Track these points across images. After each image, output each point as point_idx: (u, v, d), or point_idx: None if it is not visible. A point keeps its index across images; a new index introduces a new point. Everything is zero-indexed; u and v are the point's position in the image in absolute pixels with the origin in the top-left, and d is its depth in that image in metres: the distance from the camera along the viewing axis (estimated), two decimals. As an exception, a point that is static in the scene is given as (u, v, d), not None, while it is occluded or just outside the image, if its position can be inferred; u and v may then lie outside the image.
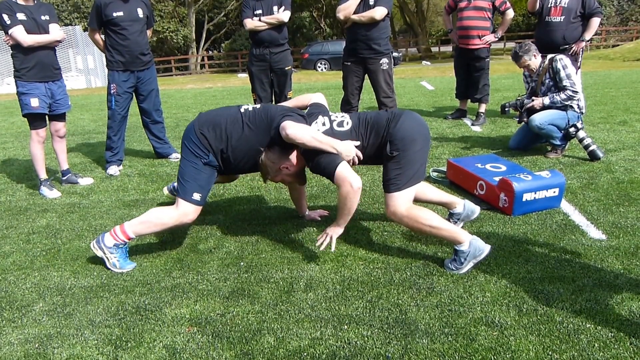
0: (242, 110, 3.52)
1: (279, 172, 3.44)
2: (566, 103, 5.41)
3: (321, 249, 3.35)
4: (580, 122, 5.48)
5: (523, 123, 5.74)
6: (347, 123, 3.44)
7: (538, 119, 5.39)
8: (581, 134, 5.39)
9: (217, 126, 3.42)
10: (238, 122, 3.44)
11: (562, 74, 5.38)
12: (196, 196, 3.40)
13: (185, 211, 3.40)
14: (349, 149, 3.30)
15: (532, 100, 5.53)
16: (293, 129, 3.20)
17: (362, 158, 3.41)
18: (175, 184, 4.18)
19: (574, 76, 5.40)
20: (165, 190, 4.43)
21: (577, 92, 5.37)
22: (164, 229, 3.48)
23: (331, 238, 3.34)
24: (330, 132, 3.38)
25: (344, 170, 3.18)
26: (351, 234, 3.82)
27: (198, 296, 3.07)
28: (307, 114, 3.55)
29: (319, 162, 3.27)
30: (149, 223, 3.43)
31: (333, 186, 4.83)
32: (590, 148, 5.35)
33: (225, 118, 3.46)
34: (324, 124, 3.43)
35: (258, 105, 3.57)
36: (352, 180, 3.14)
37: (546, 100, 5.45)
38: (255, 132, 3.41)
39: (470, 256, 3.16)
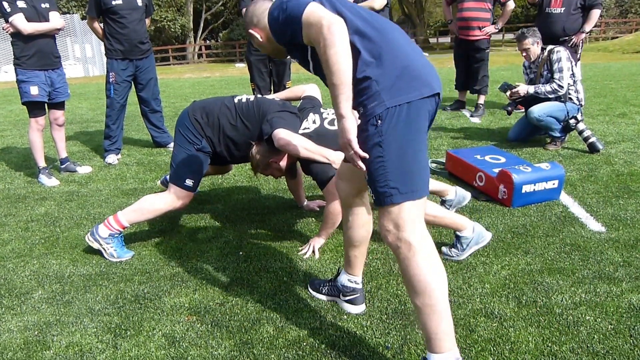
0: (236, 100, 3.56)
1: (268, 166, 3.46)
2: (550, 96, 5.40)
3: (305, 257, 3.40)
4: (580, 113, 5.47)
5: (523, 115, 5.74)
6: None
7: (537, 110, 5.38)
8: (581, 125, 5.38)
9: (210, 113, 3.47)
10: (231, 112, 3.48)
11: (556, 66, 5.37)
12: (188, 182, 3.42)
13: (177, 196, 3.43)
14: (341, 158, 3.32)
15: (518, 86, 5.51)
16: (286, 140, 3.23)
17: None
18: (168, 177, 4.20)
19: (565, 71, 5.37)
20: (159, 183, 4.44)
21: (562, 87, 5.35)
22: (157, 215, 3.49)
23: (314, 248, 3.44)
24: (321, 130, 3.40)
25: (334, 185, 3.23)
26: (350, 224, 3.82)
27: (197, 285, 3.07)
28: (299, 109, 3.58)
29: (312, 166, 3.34)
30: (142, 210, 3.44)
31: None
32: (590, 140, 5.34)
33: (219, 106, 3.51)
34: (314, 122, 3.46)
35: (252, 98, 3.59)
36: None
37: (531, 89, 5.44)
38: (247, 125, 3.46)
39: (473, 242, 3.17)
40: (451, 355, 2.02)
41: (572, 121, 5.37)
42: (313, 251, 3.43)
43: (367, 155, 1.96)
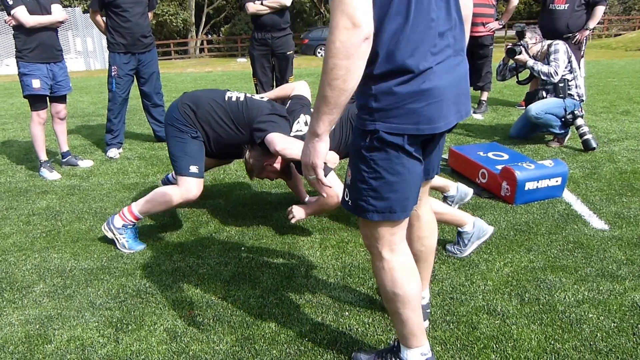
0: (226, 98, 3.53)
1: (263, 169, 3.48)
2: (542, 77, 5.38)
3: (289, 217, 3.46)
4: (580, 109, 5.44)
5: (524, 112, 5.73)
6: None
7: (534, 108, 5.37)
8: (579, 121, 5.35)
9: (199, 107, 3.45)
10: (220, 109, 3.47)
11: (552, 57, 5.35)
12: (193, 169, 3.40)
13: (187, 187, 3.41)
14: (334, 158, 3.37)
15: (522, 52, 5.49)
16: (282, 145, 3.22)
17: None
18: (170, 176, 4.22)
19: (561, 63, 5.33)
20: (160, 183, 4.41)
21: (557, 74, 5.32)
22: (170, 207, 3.48)
23: (296, 214, 3.45)
24: None
25: (333, 181, 3.32)
26: (352, 220, 3.81)
27: (199, 280, 3.06)
28: (289, 111, 3.58)
29: None
30: (155, 202, 3.43)
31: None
32: (585, 137, 5.31)
33: (209, 101, 3.49)
34: (306, 123, 3.46)
35: (242, 97, 3.56)
36: (339, 192, 3.25)
37: (530, 62, 5.42)
38: (236, 126, 3.46)
39: (474, 237, 3.17)
40: (416, 352, 2.09)
41: (569, 116, 5.34)
42: (294, 216, 3.47)
43: (330, 185, 1.94)
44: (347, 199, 1.96)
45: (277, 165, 3.48)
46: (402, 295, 1.98)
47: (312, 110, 3.50)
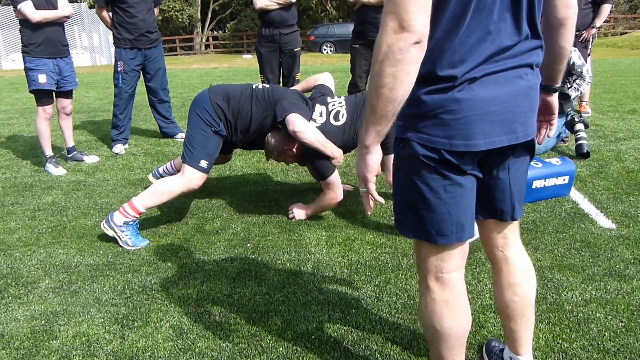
0: (253, 87, 3.69)
1: (283, 153, 3.60)
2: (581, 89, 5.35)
3: (290, 217, 3.82)
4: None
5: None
6: (343, 115, 3.58)
7: None
8: (578, 126, 5.25)
9: (232, 99, 3.57)
10: (249, 97, 3.59)
11: (578, 62, 5.28)
12: (203, 163, 3.48)
13: (191, 177, 3.47)
14: (341, 157, 3.55)
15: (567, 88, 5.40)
16: (300, 127, 3.37)
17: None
18: (160, 170, 4.26)
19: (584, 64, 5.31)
20: (151, 177, 4.40)
21: (591, 76, 5.31)
22: (172, 197, 3.51)
23: (298, 213, 3.81)
24: (326, 127, 3.56)
25: (336, 180, 3.60)
26: (358, 218, 3.80)
27: (205, 277, 3.05)
28: (310, 99, 3.74)
29: (315, 159, 3.51)
30: (157, 193, 3.46)
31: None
32: (580, 141, 5.17)
33: (239, 91, 3.62)
34: (320, 115, 3.60)
35: (267, 85, 3.72)
36: (338, 193, 3.63)
37: (573, 93, 5.36)
38: (261, 110, 3.58)
39: None
40: None
41: (575, 117, 5.25)
42: (294, 216, 3.81)
43: (382, 201, 1.66)
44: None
45: (296, 150, 3.58)
46: (440, 330, 1.75)
47: (328, 100, 3.68)
